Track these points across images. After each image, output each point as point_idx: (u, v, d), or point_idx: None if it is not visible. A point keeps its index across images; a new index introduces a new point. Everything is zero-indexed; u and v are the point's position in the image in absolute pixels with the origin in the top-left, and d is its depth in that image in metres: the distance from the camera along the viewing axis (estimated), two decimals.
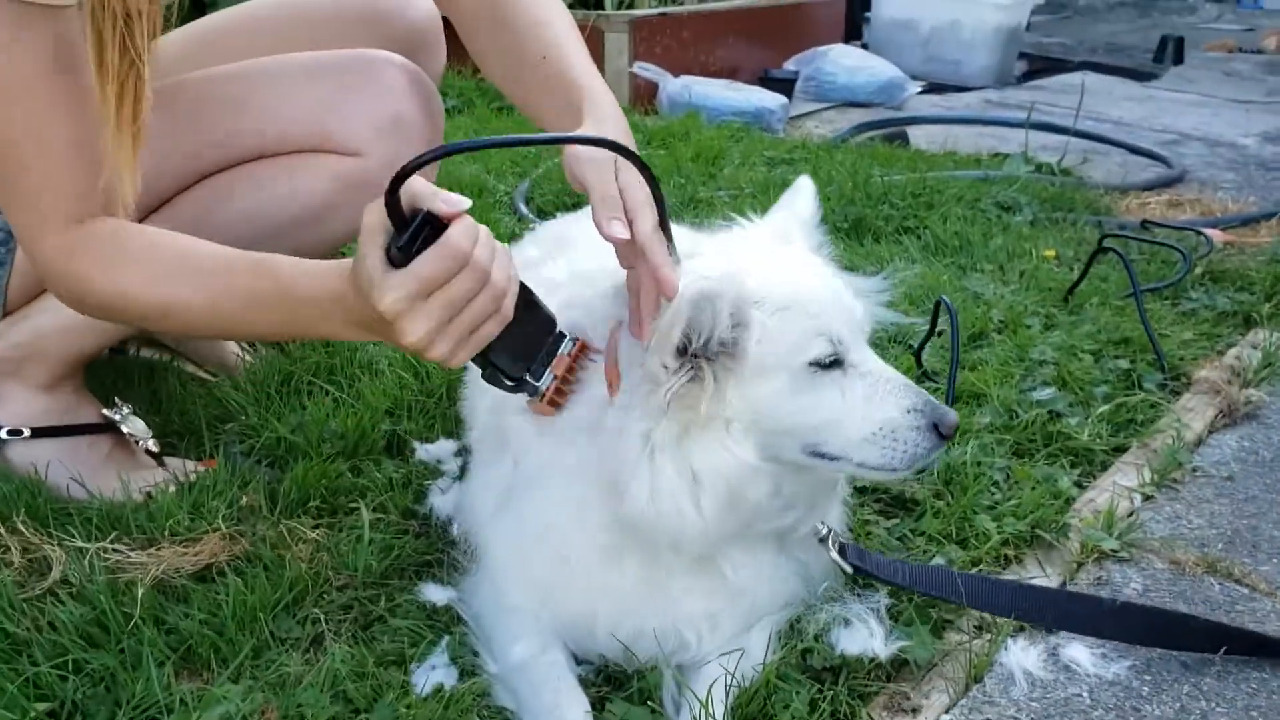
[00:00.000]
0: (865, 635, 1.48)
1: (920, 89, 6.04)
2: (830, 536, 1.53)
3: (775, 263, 1.46)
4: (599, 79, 1.62)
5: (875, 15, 6.86)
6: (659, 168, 4.02)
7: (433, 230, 1.23)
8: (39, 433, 1.88)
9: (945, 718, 1.43)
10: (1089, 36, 9.00)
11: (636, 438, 1.37)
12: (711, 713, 1.35)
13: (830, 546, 1.52)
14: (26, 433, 1.87)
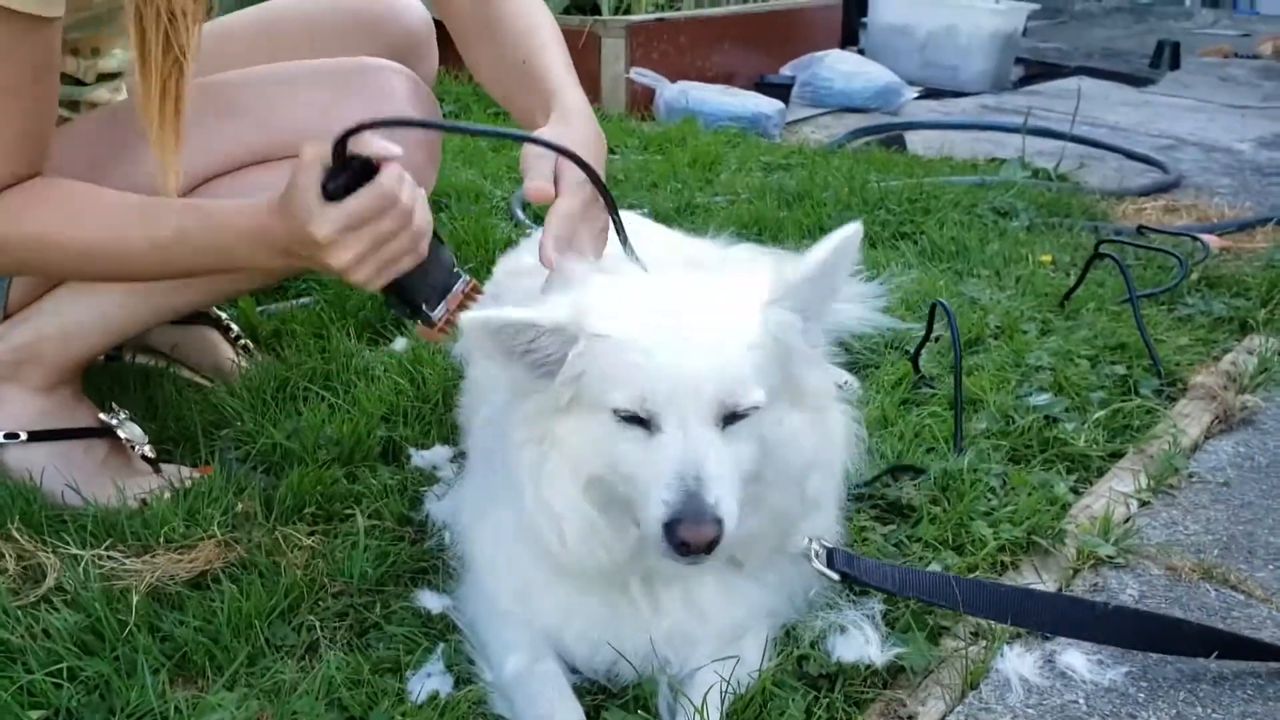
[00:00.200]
0: (861, 642, 1.48)
1: (917, 94, 6.05)
2: (812, 549, 1.50)
3: (653, 303, 1.36)
4: (572, 83, 1.76)
5: (872, 21, 6.87)
6: (656, 173, 4.02)
7: (365, 173, 1.44)
8: (35, 436, 1.88)
9: None
10: (1085, 42, 9.02)
11: (515, 448, 1.41)
12: (706, 719, 1.34)
13: (814, 558, 1.50)
14: (23, 436, 1.87)
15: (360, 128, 1.42)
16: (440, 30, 2.20)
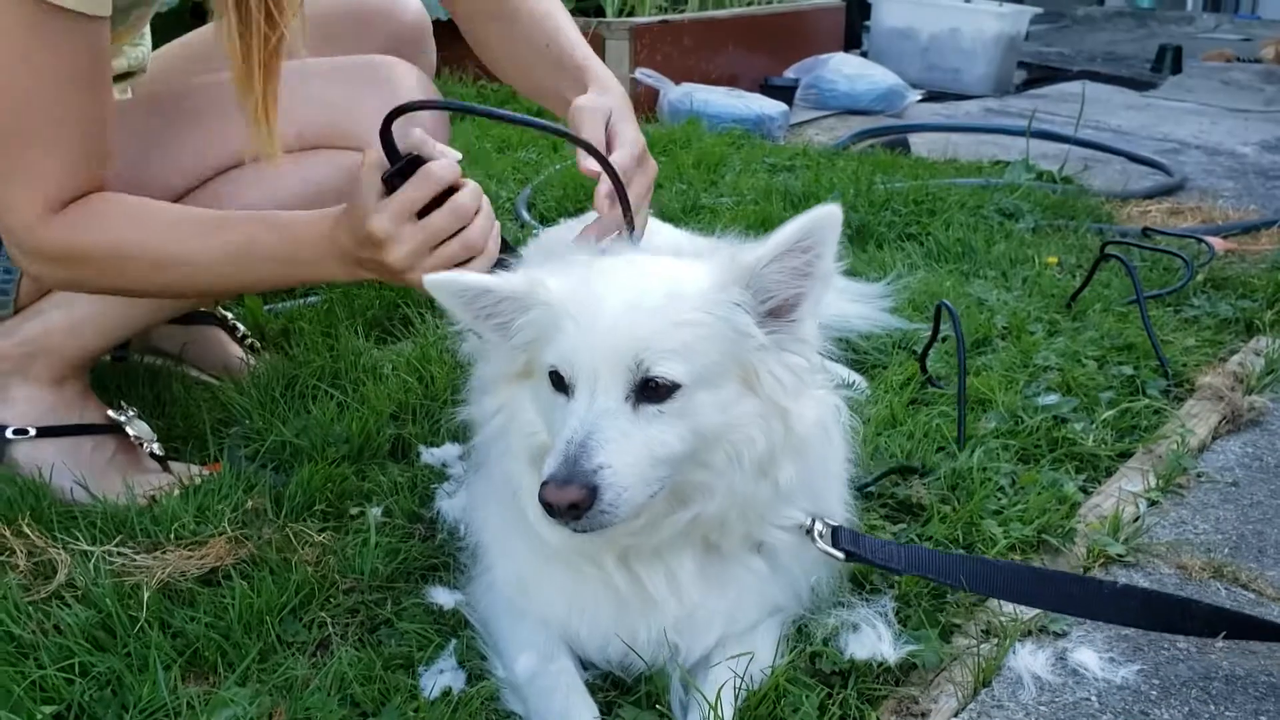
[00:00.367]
0: (874, 639, 1.48)
1: (920, 97, 6.05)
2: (815, 527, 1.50)
3: (600, 279, 1.38)
4: (594, 56, 1.91)
5: (875, 24, 6.87)
6: (661, 174, 4.00)
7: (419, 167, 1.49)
8: (44, 432, 1.88)
9: None
10: (1087, 46, 9.03)
11: (486, 418, 1.50)
12: (721, 715, 1.34)
13: (817, 538, 1.49)
14: (32, 432, 1.87)
15: (400, 111, 1.47)
16: (438, 33, 2.25)
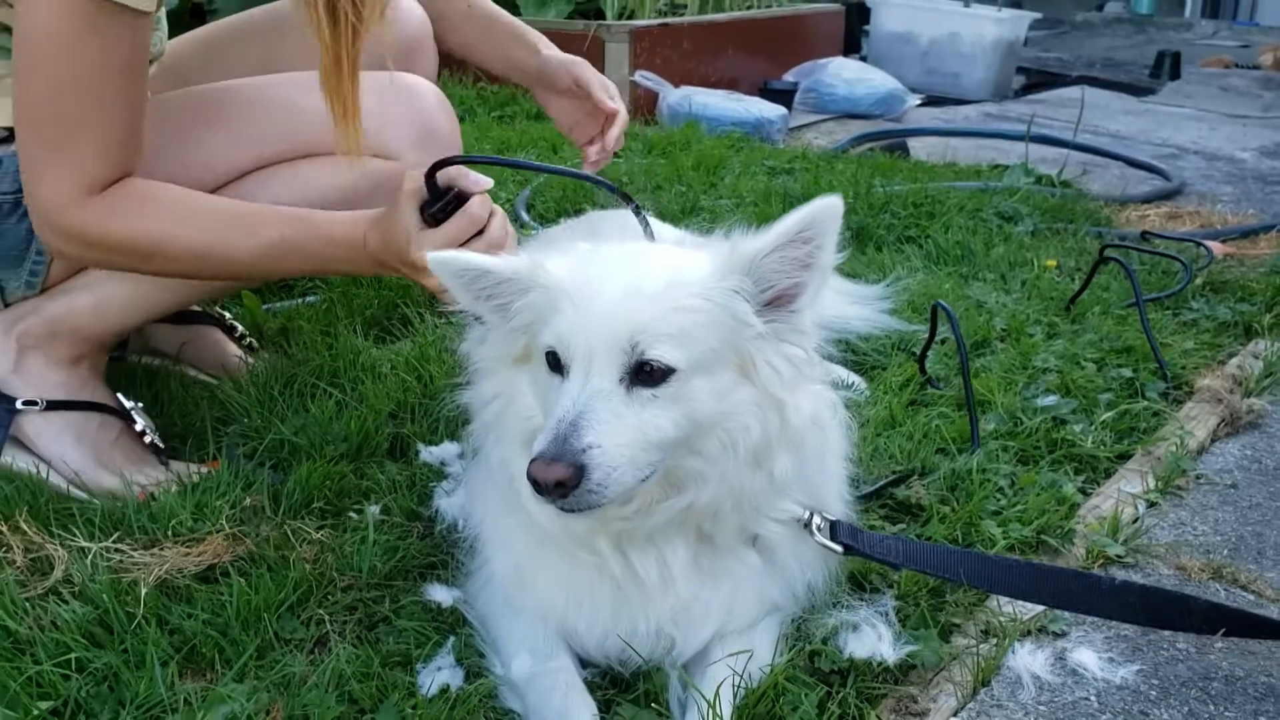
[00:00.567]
0: (873, 639, 1.48)
1: (919, 101, 6.06)
2: (813, 521, 1.49)
3: (601, 264, 1.40)
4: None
5: (874, 28, 6.89)
6: (660, 176, 4.03)
7: (458, 202, 1.66)
8: (53, 405, 1.90)
9: None
10: (1086, 52, 9.04)
11: (482, 405, 1.53)
12: (719, 713, 1.34)
13: (815, 531, 1.49)
14: (41, 404, 1.89)
15: (446, 163, 1.66)
16: None
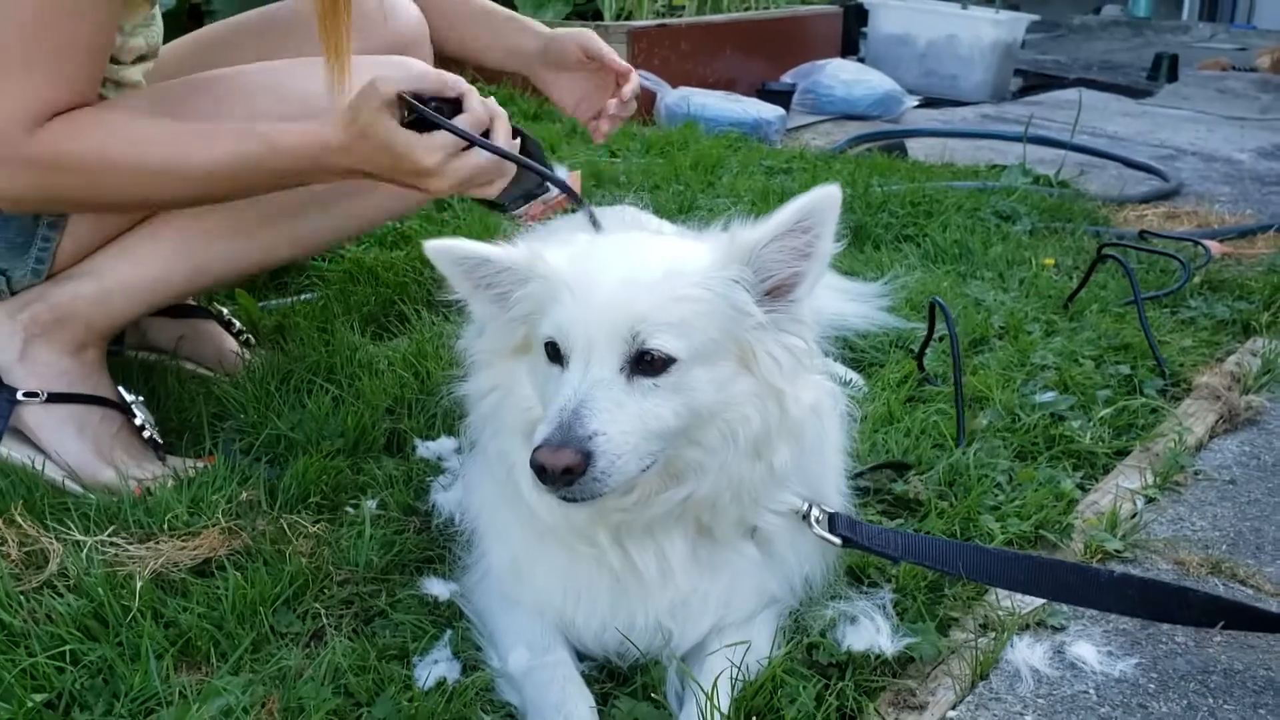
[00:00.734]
0: (871, 631, 1.48)
1: (917, 103, 6.06)
2: (812, 513, 1.49)
3: (601, 254, 1.40)
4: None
5: (872, 30, 6.89)
6: (658, 175, 4.02)
7: (448, 106, 1.63)
8: (54, 398, 1.90)
9: (952, 714, 1.42)
10: (1083, 54, 9.05)
11: (479, 398, 1.52)
12: (717, 705, 1.33)
13: (814, 524, 1.49)
14: (43, 396, 1.89)
15: (422, 102, 1.63)
16: None
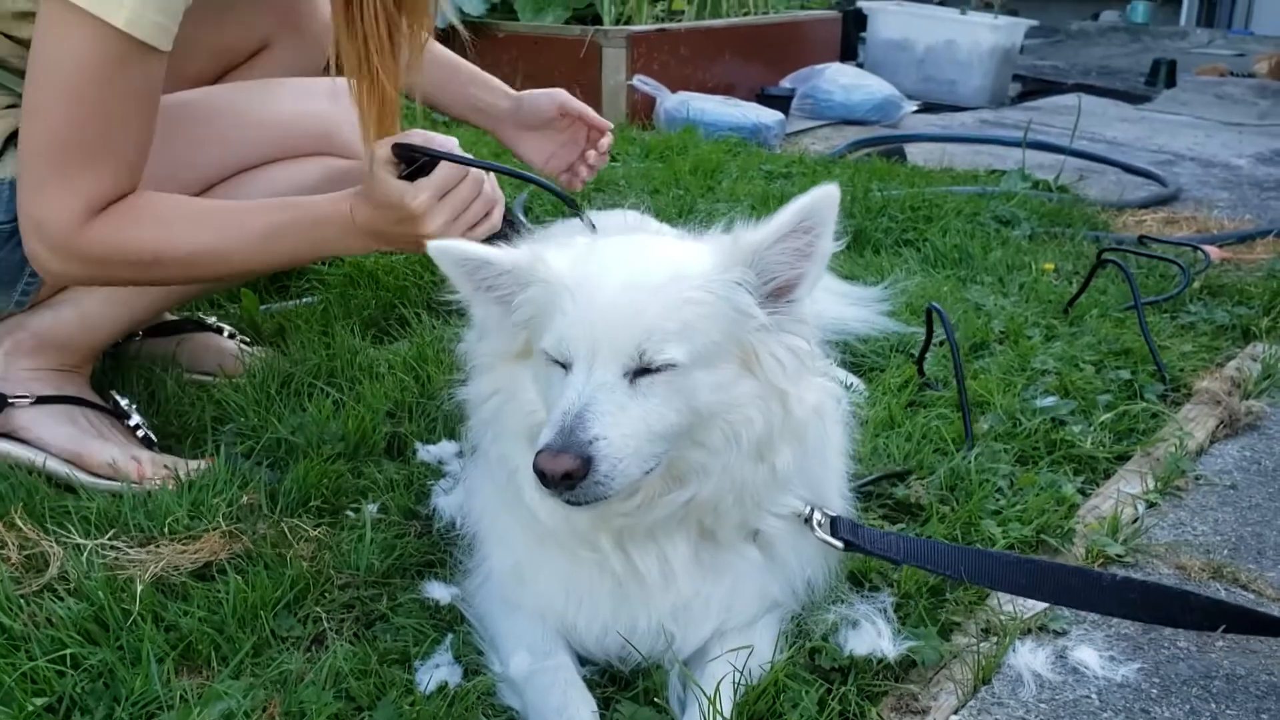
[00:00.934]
0: (873, 636, 1.47)
1: (916, 108, 6.07)
2: (814, 517, 1.49)
3: (601, 258, 1.40)
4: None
5: (871, 35, 6.90)
6: (657, 179, 4.02)
7: (433, 163, 1.69)
8: (43, 400, 1.93)
9: (954, 719, 1.42)
10: (1081, 60, 9.07)
11: (480, 402, 1.51)
12: (719, 709, 1.33)
13: (815, 527, 1.49)
14: (31, 399, 1.92)
15: (411, 146, 1.69)
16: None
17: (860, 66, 6.64)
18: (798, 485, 1.47)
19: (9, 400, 1.91)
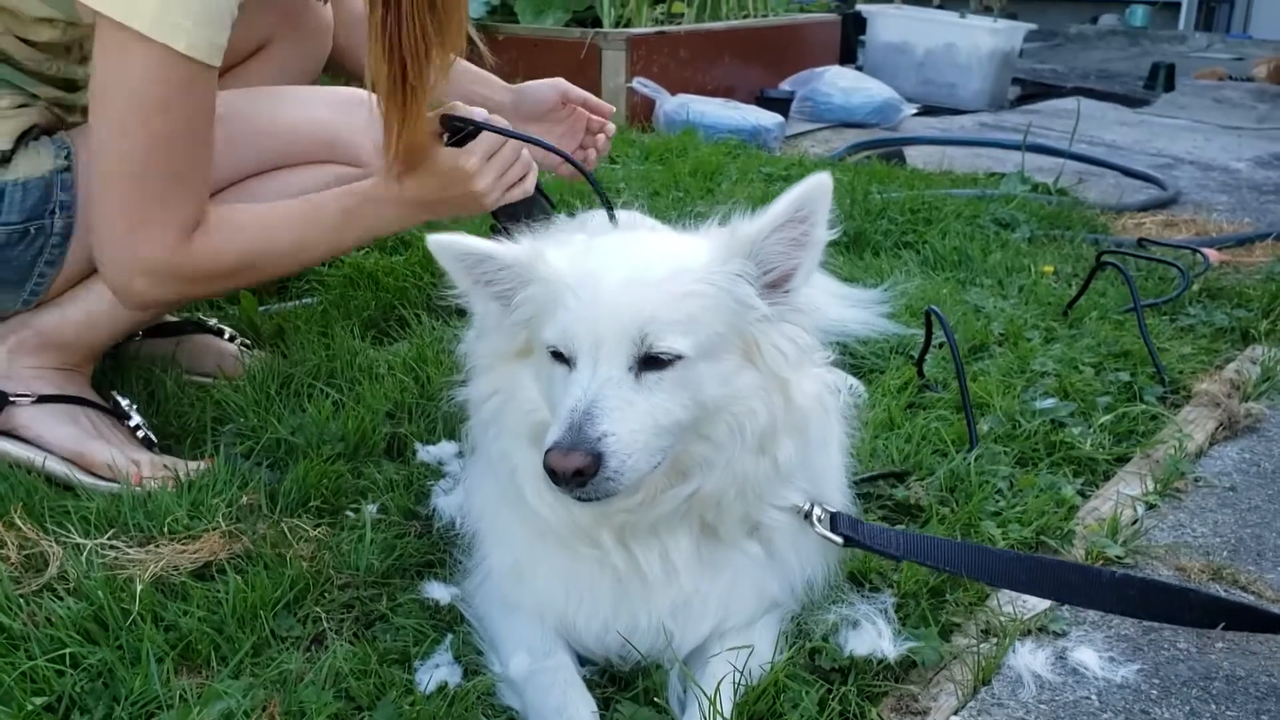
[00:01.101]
0: (874, 636, 1.47)
1: (915, 111, 6.08)
2: (814, 512, 1.49)
3: (601, 253, 1.40)
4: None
5: (870, 38, 6.91)
6: (657, 181, 4.03)
7: (477, 132, 1.90)
8: (45, 399, 1.93)
9: (954, 719, 1.42)
10: (1080, 63, 9.08)
11: (480, 401, 1.51)
12: (720, 710, 1.33)
13: (815, 523, 1.49)
14: (33, 397, 1.92)
15: (457, 118, 1.87)
16: None
17: (860, 69, 6.65)
18: (799, 478, 1.47)
19: (10, 399, 1.92)
